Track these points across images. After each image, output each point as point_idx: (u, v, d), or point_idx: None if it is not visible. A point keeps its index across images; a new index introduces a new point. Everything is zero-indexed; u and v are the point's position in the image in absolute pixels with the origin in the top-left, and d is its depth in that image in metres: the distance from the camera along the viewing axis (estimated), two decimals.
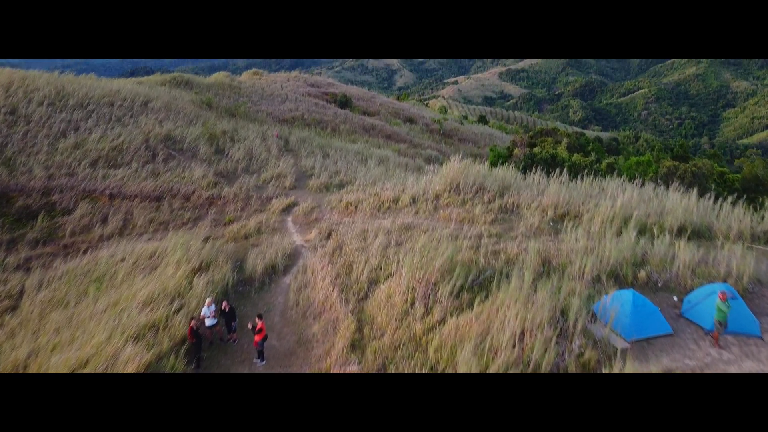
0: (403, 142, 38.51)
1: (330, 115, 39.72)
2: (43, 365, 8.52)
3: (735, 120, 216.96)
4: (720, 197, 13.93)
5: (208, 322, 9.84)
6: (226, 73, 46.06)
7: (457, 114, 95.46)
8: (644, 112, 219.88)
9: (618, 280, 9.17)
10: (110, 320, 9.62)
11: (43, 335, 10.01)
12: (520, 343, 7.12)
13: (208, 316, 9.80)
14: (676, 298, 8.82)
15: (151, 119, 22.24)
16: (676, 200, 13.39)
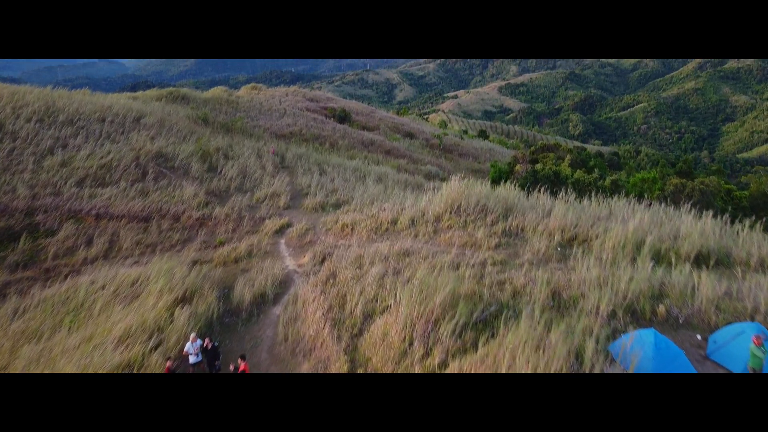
0: (402, 158, 37.92)
1: (328, 130, 39.19)
2: None
3: (734, 134, 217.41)
4: (735, 219, 13.22)
5: (192, 360, 9.06)
6: (224, 88, 45.68)
7: (457, 128, 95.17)
8: (644, 126, 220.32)
9: (635, 315, 8.41)
10: (82, 358, 8.85)
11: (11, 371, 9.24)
12: None
13: (191, 352, 9.03)
14: (699, 337, 8.05)
15: (143, 136, 21.61)
16: (690, 223, 12.66)
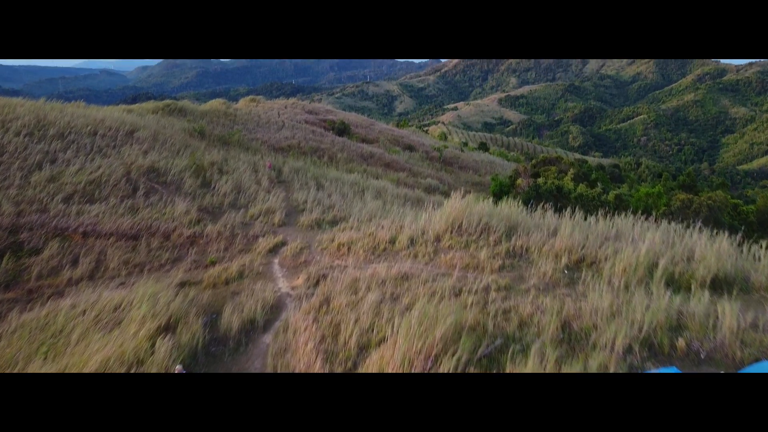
0: (402, 171, 37.41)
1: (327, 143, 38.73)
2: None
3: (734, 146, 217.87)
4: (746, 237, 12.59)
5: None
6: (222, 101, 45.30)
7: (457, 140, 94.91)
8: (644, 138, 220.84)
9: (653, 350, 7.74)
10: None
11: None
12: None
13: None
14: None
15: (136, 150, 21.07)
16: (705, 244, 12.02)
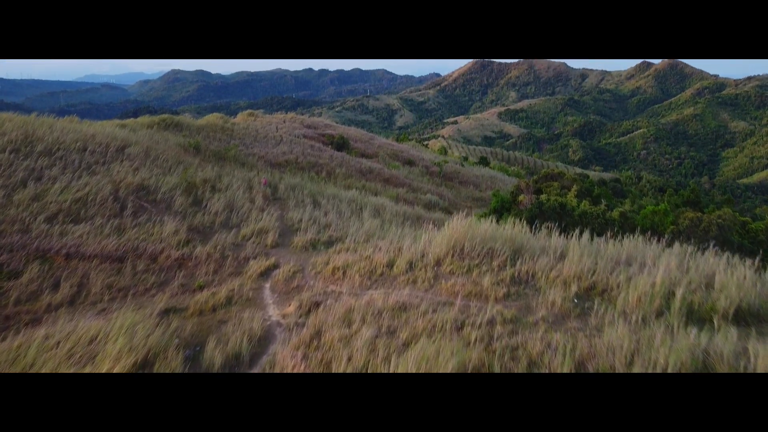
0: (401, 187, 36.76)
1: (326, 158, 38.14)
2: None
3: (734, 160, 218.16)
4: (760, 259, 11.84)
5: None
6: (219, 115, 44.76)
7: (457, 155, 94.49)
8: (644, 152, 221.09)
9: None
10: None
11: None
12: None
13: None
14: None
15: (126, 166, 20.40)
16: (722, 269, 11.26)
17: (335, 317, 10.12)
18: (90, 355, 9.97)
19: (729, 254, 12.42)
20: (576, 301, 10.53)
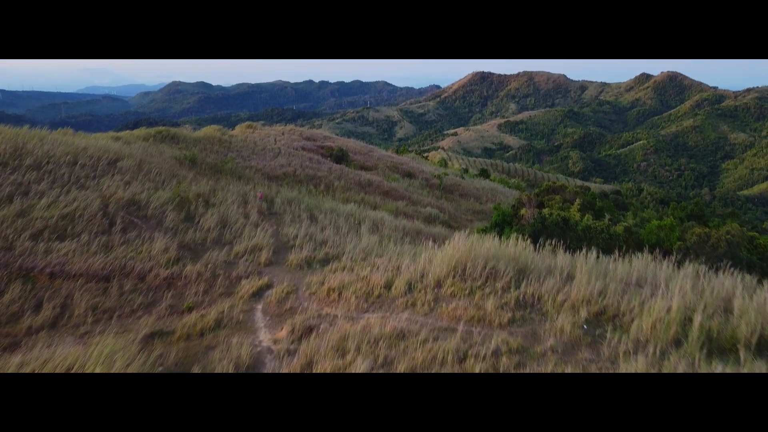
0: (401, 199, 36.20)
1: (324, 171, 37.63)
2: None
3: (734, 171, 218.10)
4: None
5: None
6: (217, 127, 44.32)
7: (457, 166, 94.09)
8: (644, 164, 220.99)
9: None
10: None
11: None
12: None
13: None
14: None
15: (117, 180, 19.83)
16: (739, 292, 10.60)
17: (329, 345, 9.44)
18: None
19: (743, 274, 11.79)
20: (586, 327, 9.88)
